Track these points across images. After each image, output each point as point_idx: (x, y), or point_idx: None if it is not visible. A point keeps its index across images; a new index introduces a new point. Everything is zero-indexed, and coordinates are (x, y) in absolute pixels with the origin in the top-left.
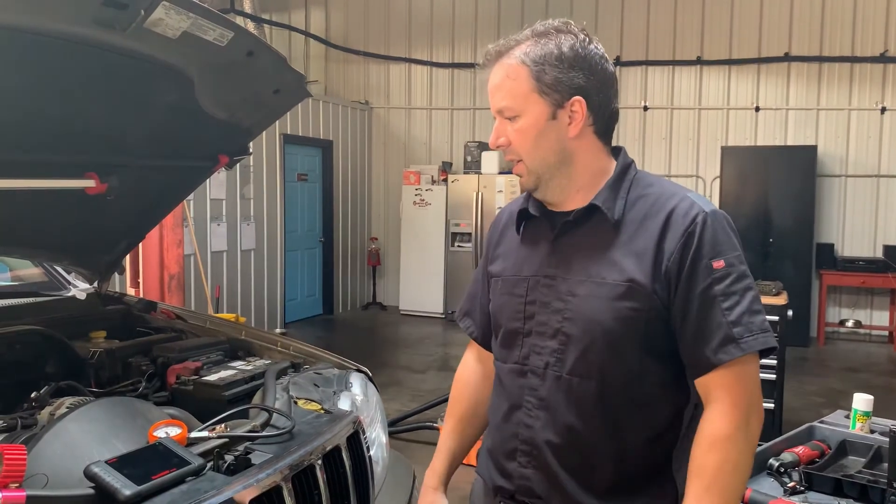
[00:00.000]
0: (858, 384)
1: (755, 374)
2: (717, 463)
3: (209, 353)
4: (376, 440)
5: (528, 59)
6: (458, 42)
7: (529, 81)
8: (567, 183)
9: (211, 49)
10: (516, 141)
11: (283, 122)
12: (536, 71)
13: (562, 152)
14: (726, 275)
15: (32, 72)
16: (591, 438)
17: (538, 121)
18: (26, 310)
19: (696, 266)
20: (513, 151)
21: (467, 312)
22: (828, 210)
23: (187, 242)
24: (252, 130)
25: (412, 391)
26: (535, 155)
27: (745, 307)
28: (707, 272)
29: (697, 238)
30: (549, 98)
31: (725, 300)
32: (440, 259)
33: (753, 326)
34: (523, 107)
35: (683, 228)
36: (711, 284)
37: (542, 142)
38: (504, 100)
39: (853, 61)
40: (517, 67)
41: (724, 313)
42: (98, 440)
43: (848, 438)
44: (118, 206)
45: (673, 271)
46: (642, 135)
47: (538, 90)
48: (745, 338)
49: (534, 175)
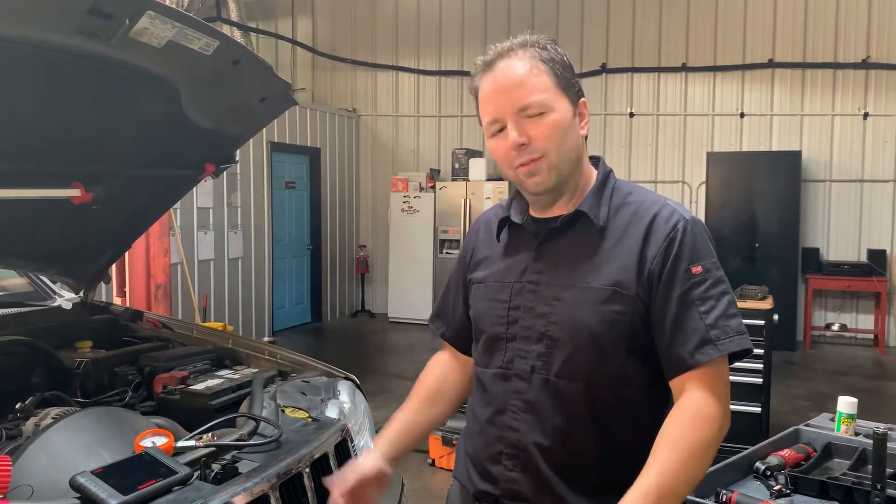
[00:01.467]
0: (845, 387)
1: (727, 376)
2: (697, 439)
3: (196, 363)
4: (364, 447)
5: (543, 60)
6: (445, 49)
7: (553, 78)
8: (574, 185)
9: (196, 58)
10: (545, 136)
11: (270, 129)
12: (554, 69)
13: (578, 151)
14: (703, 280)
15: (17, 81)
16: (579, 439)
17: (565, 116)
18: (11, 320)
19: (675, 270)
20: (535, 148)
21: (438, 315)
22: (813, 215)
23: (174, 251)
24: (239, 139)
25: (401, 398)
26: (562, 150)
27: (721, 311)
28: (686, 276)
29: (678, 244)
30: (568, 96)
31: (703, 304)
32: (429, 266)
33: (730, 329)
34: (553, 101)
35: (665, 234)
36: (690, 289)
37: (569, 137)
38: (533, 95)
39: (836, 67)
40: (538, 64)
41: (701, 316)
42: (84, 450)
43: (833, 441)
44: (104, 216)
45: (654, 274)
46: (629, 141)
47: (561, 87)
48: (722, 340)
49: (555, 171)
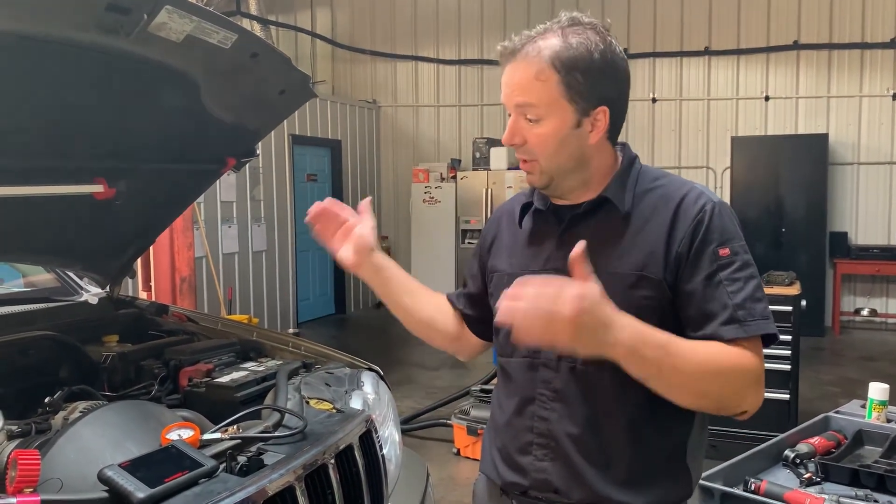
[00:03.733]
0: (874, 373)
1: (761, 361)
2: (721, 359)
3: (221, 355)
4: (389, 438)
5: (559, 63)
6: (465, 39)
7: (559, 87)
8: (578, 182)
9: (215, 52)
10: (535, 144)
11: (290, 122)
12: (567, 77)
13: (580, 158)
14: (731, 262)
15: (39, 78)
16: (609, 428)
17: (562, 128)
18: (39, 315)
19: (702, 251)
20: (527, 151)
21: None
22: (840, 198)
23: (198, 245)
24: (259, 132)
25: (425, 388)
26: (553, 160)
27: (748, 293)
28: (713, 258)
29: (706, 226)
30: (576, 106)
31: (730, 285)
32: (451, 256)
33: (756, 312)
34: (549, 111)
35: (692, 216)
36: (717, 270)
37: (563, 148)
38: (529, 99)
39: (863, 48)
40: (548, 70)
41: (729, 296)
42: (111, 444)
43: (864, 428)
44: (127, 211)
45: (682, 256)
46: (651, 127)
47: (567, 97)
48: (748, 321)
49: (546, 176)
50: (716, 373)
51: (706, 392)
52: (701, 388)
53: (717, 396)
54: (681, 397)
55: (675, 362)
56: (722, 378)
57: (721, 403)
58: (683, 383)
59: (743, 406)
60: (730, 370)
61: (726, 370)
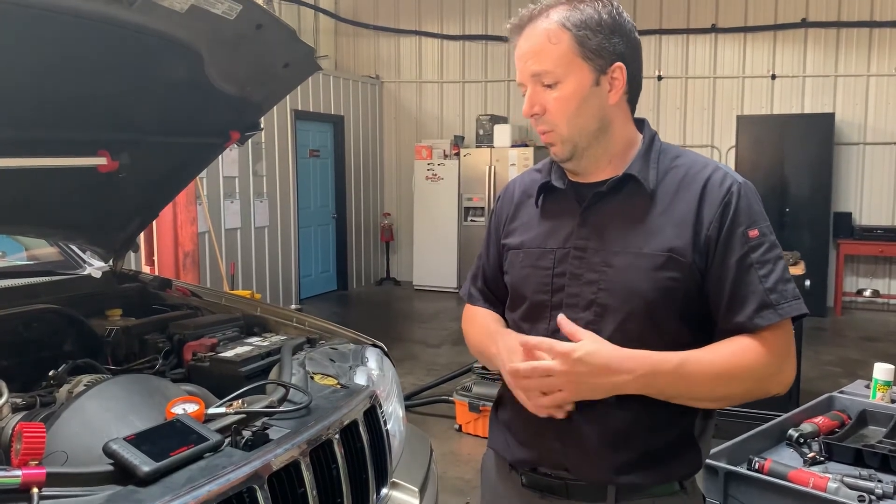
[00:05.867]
0: (876, 353)
1: (791, 336)
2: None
3: (225, 330)
4: (393, 414)
5: (570, 24)
6: (469, 14)
7: (573, 46)
8: (601, 153)
9: (219, 23)
10: (556, 108)
11: (293, 97)
12: (580, 35)
13: (602, 119)
14: (760, 243)
15: (41, 49)
16: (626, 408)
17: (582, 87)
18: (43, 289)
19: (732, 234)
20: (547, 121)
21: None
22: (845, 178)
23: (201, 220)
24: (262, 105)
25: (427, 365)
26: (575, 122)
27: (778, 275)
28: (743, 240)
29: (734, 208)
30: (592, 63)
31: (761, 268)
32: (453, 233)
33: (787, 293)
34: (566, 73)
35: (720, 198)
36: (748, 252)
37: (584, 109)
38: (544, 64)
39: (872, 26)
40: (559, 31)
41: (760, 280)
42: (116, 417)
43: (868, 408)
44: (131, 184)
45: (712, 240)
46: (657, 105)
47: (582, 55)
48: (782, 304)
49: (569, 144)
50: (737, 377)
51: (728, 395)
52: (721, 393)
53: (742, 394)
54: (704, 404)
55: (691, 382)
56: (743, 378)
57: (748, 398)
58: (704, 394)
59: (772, 391)
60: (751, 369)
61: (746, 371)
